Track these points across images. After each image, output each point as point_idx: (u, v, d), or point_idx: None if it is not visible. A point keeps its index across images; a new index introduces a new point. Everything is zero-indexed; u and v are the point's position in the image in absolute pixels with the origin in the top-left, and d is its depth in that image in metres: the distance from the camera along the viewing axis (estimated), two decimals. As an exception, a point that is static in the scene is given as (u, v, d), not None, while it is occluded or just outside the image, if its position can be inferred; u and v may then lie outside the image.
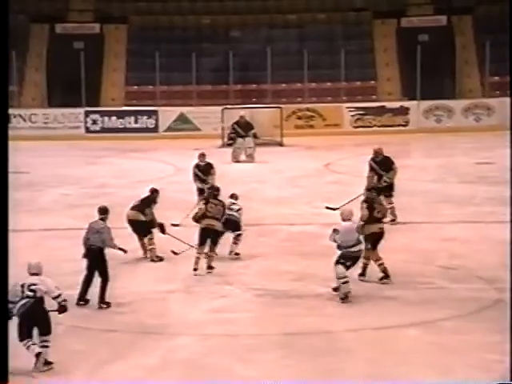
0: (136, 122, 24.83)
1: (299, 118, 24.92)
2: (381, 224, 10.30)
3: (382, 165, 13.24)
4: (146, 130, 24.72)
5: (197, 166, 13.95)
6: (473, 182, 16.38)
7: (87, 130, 24.82)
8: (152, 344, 8.52)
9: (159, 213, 11.72)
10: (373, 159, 13.40)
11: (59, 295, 7.88)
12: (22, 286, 7.78)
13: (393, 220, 12.92)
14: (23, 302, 7.73)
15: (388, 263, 10.48)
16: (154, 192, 11.78)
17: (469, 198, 14.44)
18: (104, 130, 24.69)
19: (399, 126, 24.57)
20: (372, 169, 13.33)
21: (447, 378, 7.53)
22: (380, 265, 10.16)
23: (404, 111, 24.79)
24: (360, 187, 13.02)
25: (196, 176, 13.86)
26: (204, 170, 13.86)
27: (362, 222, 10.08)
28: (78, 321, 8.97)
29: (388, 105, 25.00)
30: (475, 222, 12.98)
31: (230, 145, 20.98)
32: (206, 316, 9.37)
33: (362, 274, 10.28)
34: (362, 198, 10.81)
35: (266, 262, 11.43)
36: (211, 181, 13.46)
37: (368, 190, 10.95)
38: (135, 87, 26.47)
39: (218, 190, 11.35)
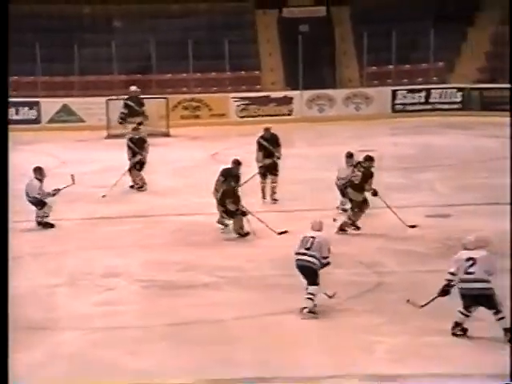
0: (17, 113, 24.19)
1: (185, 108, 24.88)
2: None
3: (272, 141, 13.88)
4: (28, 121, 24.12)
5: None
6: (355, 169, 16.73)
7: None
8: (37, 339, 8.38)
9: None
10: (262, 137, 13.98)
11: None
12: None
13: (275, 200, 13.75)
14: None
15: (274, 251, 10.66)
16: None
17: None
18: (-16, 121, 23.94)
19: (283, 115, 24.89)
20: (261, 147, 13.86)
21: (333, 359, 7.72)
22: None
23: (288, 101, 25.14)
24: (246, 176, 13.20)
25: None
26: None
27: None
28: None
29: (272, 95, 25.29)
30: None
31: (121, 123, 21.12)
32: (93, 309, 9.29)
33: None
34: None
35: (154, 253, 11.40)
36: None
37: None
38: (15, 77, 25.75)
39: None
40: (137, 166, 15.49)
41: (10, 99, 24.08)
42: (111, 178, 15.36)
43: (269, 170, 13.77)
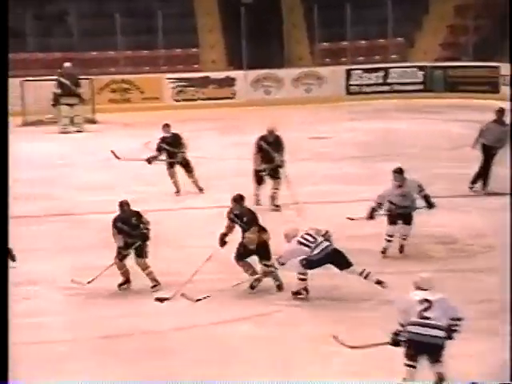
0: None
1: (113, 90, 24.72)
2: None
3: (276, 145, 13.32)
4: None
5: None
6: (308, 158, 16.85)
7: None
8: None
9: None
10: (263, 138, 13.39)
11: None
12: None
13: (276, 206, 13.24)
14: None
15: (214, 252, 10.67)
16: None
17: (306, 177, 14.83)
18: None
19: (226, 98, 24.90)
20: (261, 149, 13.31)
21: (284, 374, 7.76)
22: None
23: (230, 82, 25.15)
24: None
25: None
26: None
27: None
28: None
29: (212, 75, 25.27)
30: (312, 203, 13.34)
31: (54, 105, 21.02)
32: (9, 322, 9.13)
33: None
34: None
35: (79, 256, 11.29)
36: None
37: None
38: None
39: None
40: None
41: None
42: (33, 171, 15.20)
43: (269, 174, 13.36)
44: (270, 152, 13.21)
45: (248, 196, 10.71)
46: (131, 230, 10.15)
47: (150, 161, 14.24)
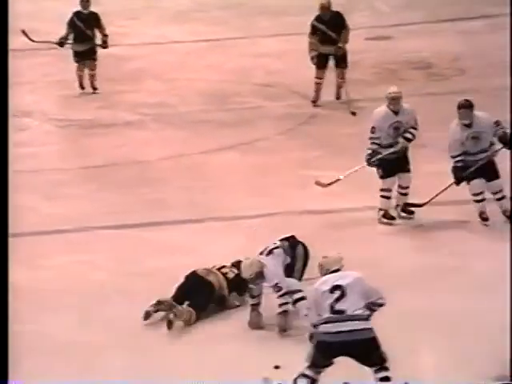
0: None
1: None
2: None
3: (334, 24, 10.62)
4: None
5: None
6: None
7: None
8: None
9: None
10: (318, 18, 10.69)
11: None
12: None
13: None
14: None
15: (201, 85, 10.83)
16: None
17: (284, 8, 14.72)
18: None
19: None
20: (317, 30, 10.63)
21: (268, 198, 8.09)
22: None
23: None
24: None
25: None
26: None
27: None
28: None
29: None
30: (291, 35, 13.33)
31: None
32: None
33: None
34: None
35: (66, 89, 11.27)
36: None
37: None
38: None
39: None
40: None
41: None
42: None
43: (335, 60, 10.70)
44: (326, 33, 10.59)
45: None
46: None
47: (62, 44, 11.21)
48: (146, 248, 7.21)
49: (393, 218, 7.66)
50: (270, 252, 6.18)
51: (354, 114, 10.08)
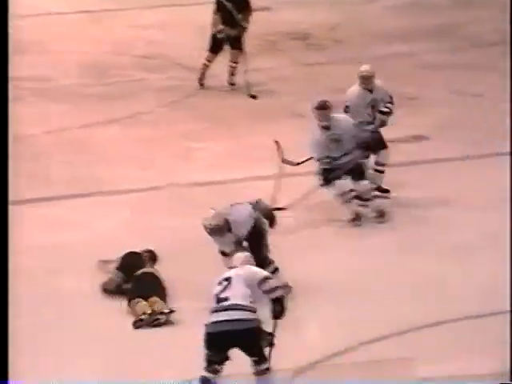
0: None
1: None
2: None
3: (238, 3, 10.04)
4: None
5: None
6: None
7: None
8: None
9: None
10: None
11: None
12: None
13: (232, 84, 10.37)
14: None
15: (81, 57, 10.66)
16: None
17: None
18: None
19: None
20: (221, 7, 10.01)
21: (149, 171, 8.10)
22: None
23: None
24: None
25: None
26: None
27: None
28: None
29: None
30: (175, 6, 13.26)
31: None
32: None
33: None
34: None
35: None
36: None
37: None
38: None
39: None
40: None
41: None
42: None
43: (230, 42, 10.12)
44: (231, 11, 10.05)
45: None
46: None
47: None
48: (31, 223, 7.11)
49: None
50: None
51: (254, 97, 9.75)
